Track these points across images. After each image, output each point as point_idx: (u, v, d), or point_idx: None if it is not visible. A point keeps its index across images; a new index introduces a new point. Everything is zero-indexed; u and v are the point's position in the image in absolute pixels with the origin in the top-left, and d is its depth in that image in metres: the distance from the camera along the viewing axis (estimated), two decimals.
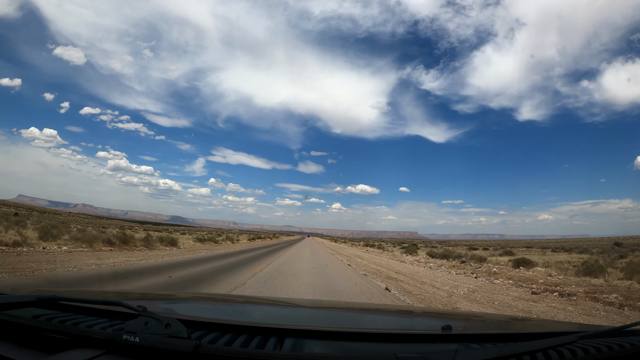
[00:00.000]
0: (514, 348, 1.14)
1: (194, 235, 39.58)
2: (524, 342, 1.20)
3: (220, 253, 20.53)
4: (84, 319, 1.32)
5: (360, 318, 2.37)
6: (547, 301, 8.44)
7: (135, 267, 10.91)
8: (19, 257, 10.61)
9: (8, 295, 1.45)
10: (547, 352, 1.14)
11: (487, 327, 2.10)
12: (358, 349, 1.25)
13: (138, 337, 1.10)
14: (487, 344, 1.26)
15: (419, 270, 16.19)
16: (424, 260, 21.69)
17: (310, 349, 1.21)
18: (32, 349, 1.20)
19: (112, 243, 17.09)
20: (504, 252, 33.06)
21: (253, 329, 1.29)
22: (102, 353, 1.13)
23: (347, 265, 17.73)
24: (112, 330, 1.20)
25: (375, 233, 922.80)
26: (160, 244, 21.41)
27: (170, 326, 1.14)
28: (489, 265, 17.03)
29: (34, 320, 1.26)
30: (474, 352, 1.16)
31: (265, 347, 1.16)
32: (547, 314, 7.07)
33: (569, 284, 10.36)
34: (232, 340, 1.20)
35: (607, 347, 1.20)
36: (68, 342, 1.19)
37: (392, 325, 2.20)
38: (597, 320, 6.72)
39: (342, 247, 49.96)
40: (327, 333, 1.34)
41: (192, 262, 14.01)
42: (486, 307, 7.74)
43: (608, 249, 31.37)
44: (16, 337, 1.24)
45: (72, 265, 9.79)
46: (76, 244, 15.42)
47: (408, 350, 1.21)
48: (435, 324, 2.17)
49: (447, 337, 1.31)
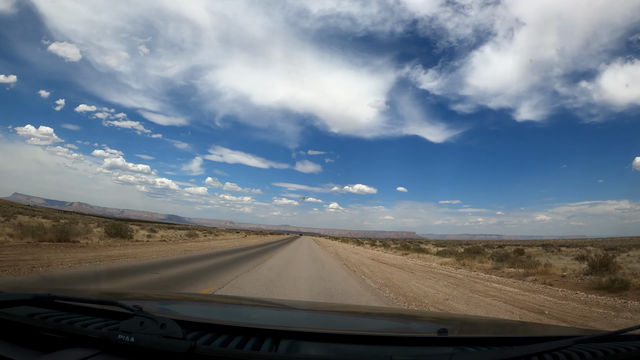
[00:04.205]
0: (509, 352, 1.14)
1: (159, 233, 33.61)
2: (520, 346, 1.20)
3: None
4: (79, 318, 1.31)
5: (356, 320, 2.37)
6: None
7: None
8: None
9: (3, 293, 1.43)
10: (542, 356, 1.15)
11: (483, 331, 2.11)
12: (354, 352, 1.25)
13: (133, 337, 1.09)
14: (483, 348, 1.26)
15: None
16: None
17: (306, 351, 1.21)
18: (27, 347, 1.19)
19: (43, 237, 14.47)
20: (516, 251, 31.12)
21: (249, 330, 1.28)
22: (97, 352, 1.12)
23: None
24: (107, 330, 1.19)
25: (372, 233, 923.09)
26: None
27: (166, 326, 1.13)
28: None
29: (29, 319, 1.26)
30: (469, 356, 1.16)
31: (261, 349, 1.16)
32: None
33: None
34: (227, 341, 1.20)
35: (602, 351, 1.21)
36: (63, 341, 1.18)
37: (388, 328, 2.20)
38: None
39: (364, 253, 31.75)
40: (323, 335, 1.33)
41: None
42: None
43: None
44: (11, 336, 1.23)
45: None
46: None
47: (404, 353, 1.21)
48: (431, 327, 2.17)
49: (443, 341, 1.31)
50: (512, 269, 15.51)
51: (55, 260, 10.16)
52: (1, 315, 1.26)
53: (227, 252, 21.12)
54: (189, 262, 13.60)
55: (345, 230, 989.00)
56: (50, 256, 10.96)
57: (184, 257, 15.68)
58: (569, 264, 17.91)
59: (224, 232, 75.88)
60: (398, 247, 41.71)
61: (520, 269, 14.66)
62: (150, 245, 20.57)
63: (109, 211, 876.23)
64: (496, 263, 17.33)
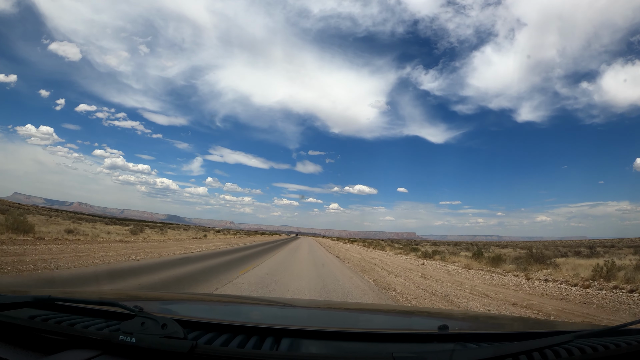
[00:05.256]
0: (510, 348, 1.15)
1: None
2: (521, 341, 1.20)
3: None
4: (80, 320, 1.31)
5: (357, 318, 2.37)
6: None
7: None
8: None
9: (4, 295, 1.43)
10: (543, 351, 1.15)
11: (484, 327, 2.11)
12: (355, 349, 1.25)
13: (134, 337, 1.09)
14: (484, 344, 1.26)
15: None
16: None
17: (307, 349, 1.21)
18: (29, 349, 1.19)
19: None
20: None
21: (250, 329, 1.28)
22: (99, 354, 1.12)
23: None
24: (108, 331, 1.19)
25: (372, 234, 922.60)
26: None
27: (167, 327, 1.13)
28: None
29: (30, 321, 1.25)
30: (470, 352, 1.16)
31: (262, 348, 1.16)
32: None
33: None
34: (228, 340, 1.20)
35: (603, 346, 1.21)
36: (64, 342, 1.18)
37: (389, 325, 2.21)
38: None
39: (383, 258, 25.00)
40: (324, 333, 1.34)
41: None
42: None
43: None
44: (12, 338, 1.23)
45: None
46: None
47: (405, 350, 1.21)
48: (431, 323, 2.18)
49: (444, 337, 1.31)
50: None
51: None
52: (2, 317, 1.26)
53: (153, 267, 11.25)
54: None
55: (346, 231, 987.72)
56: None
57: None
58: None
59: (213, 233, 64.93)
60: (421, 253, 29.28)
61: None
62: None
63: (109, 211, 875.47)
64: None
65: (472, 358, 1.11)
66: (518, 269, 15.70)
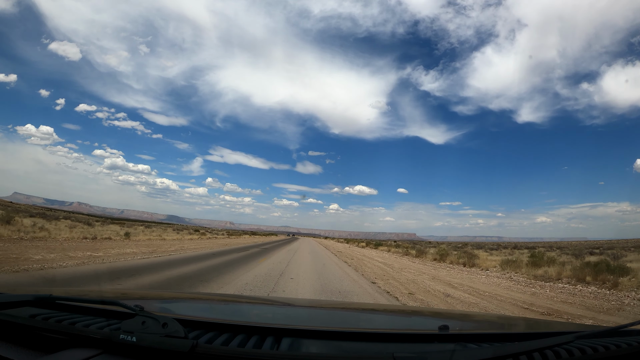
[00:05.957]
0: (511, 348, 1.15)
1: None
2: (521, 342, 1.20)
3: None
4: (80, 319, 1.31)
5: (357, 318, 2.37)
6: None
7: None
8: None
9: (5, 294, 1.43)
10: (544, 352, 1.15)
11: (484, 327, 2.11)
12: (355, 349, 1.25)
13: (135, 336, 1.09)
14: (484, 344, 1.26)
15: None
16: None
17: (308, 349, 1.21)
18: (29, 348, 1.19)
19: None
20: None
21: (250, 328, 1.29)
22: (99, 353, 1.12)
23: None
24: (109, 330, 1.19)
25: (373, 234, 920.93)
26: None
27: (167, 326, 1.13)
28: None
29: (31, 320, 1.26)
30: (471, 352, 1.16)
31: (263, 347, 1.16)
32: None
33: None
34: (229, 339, 1.20)
35: (603, 347, 1.21)
36: (65, 341, 1.18)
37: (390, 325, 2.21)
38: None
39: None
40: (325, 333, 1.34)
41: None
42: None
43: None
44: (13, 337, 1.23)
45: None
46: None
47: (405, 350, 1.21)
48: (432, 323, 2.17)
49: (444, 337, 1.31)
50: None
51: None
52: (3, 316, 1.26)
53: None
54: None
55: (346, 232, 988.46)
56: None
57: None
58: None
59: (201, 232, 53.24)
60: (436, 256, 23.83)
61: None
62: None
63: (109, 211, 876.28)
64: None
65: (473, 358, 1.11)
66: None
